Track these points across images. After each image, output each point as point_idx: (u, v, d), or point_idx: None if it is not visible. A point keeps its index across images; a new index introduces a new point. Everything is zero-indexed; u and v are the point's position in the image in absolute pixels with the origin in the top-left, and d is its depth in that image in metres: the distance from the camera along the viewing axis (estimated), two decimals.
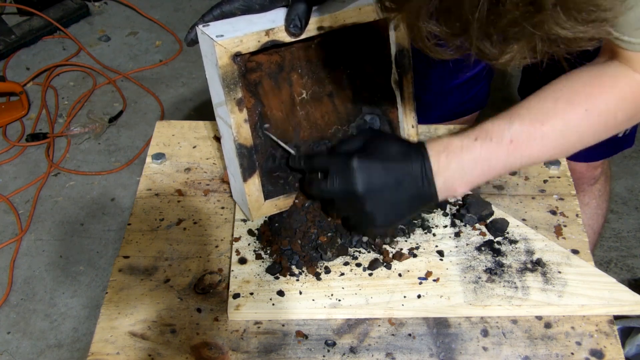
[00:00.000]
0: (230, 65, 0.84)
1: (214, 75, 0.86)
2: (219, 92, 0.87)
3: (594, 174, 1.40)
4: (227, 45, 0.82)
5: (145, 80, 2.61)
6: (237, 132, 0.88)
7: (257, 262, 0.91)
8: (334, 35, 0.90)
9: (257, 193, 0.93)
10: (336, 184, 0.84)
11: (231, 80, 0.85)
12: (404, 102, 0.98)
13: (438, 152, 0.82)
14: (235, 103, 0.86)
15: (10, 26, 2.73)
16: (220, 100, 0.88)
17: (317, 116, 0.96)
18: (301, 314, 0.86)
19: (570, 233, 0.96)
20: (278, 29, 0.84)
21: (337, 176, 0.84)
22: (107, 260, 2.00)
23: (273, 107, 0.93)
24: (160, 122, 1.16)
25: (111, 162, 2.30)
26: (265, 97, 0.91)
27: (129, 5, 2.95)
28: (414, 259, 0.91)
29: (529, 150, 0.82)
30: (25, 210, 2.13)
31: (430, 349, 0.83)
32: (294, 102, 0.94)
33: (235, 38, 0.82)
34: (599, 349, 0.82)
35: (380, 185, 0.82)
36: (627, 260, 1.97)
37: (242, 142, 0.89)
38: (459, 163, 0.81)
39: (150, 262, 0.93)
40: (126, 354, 0.83)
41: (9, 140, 2.35)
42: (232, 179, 0.96)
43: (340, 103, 0.97)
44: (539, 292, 0.87)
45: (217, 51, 0.82)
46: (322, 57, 0.93)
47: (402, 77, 0.96)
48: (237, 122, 0.88)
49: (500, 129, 0.81)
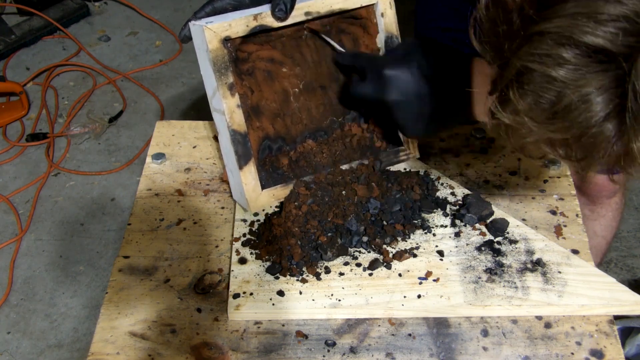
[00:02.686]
0: (221, 49, 0.87)
1: (206, 63, 0.89)
2: (211, 80, 0.89)
3: (614, 187, 1.38)
4: (217, 29, 0.85)
5: (145, 80, 2.61)
6: (230, 117, 0.90)
7: (257, 262, 0.91)
8: (324, 25, 0.94)
9: (254, 182, 0.94)
10: (371, 90, 0.87)
11: (222, 64, 0.87)
12: None
13: (482, 65, 0.82)
14: (227, 87, 0.89)
15: (10, 26, 2.73)
16: (213, 88, 0.90)
17: (311, 107, 0.98)
18: (301, 314, 0.86)
19: (570, 233, 0.96)
20: (266, 14, 0.88)
21: (372, 81, 0.87)
22: (107, 260, 2.00)
23: (267, 97, 0.94)
24: (160, 122, 1.16)
25: (111, 162, 2.30)
26: (258, 88, 0.93)
27: (129, 5, 2.95)
28: (414, 259, 0.91)
29: None
30: (25, 210, 2.13)
31: (430, 349, 0.83)
32: (287, 93, 0.96)
33: (224, 22, 0.86)
34: (599, 349, 0.82)
35: (410, 97, 0.84)
36: (627, 260, 1.97)
37: (235, 128, 0.91)
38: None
39: (150, 262, 0.93)
40: (126, 354, 0.83)
41: (9, 140, 2.36)
42: (230, 174, 0.97)
43: (334, 94, 0.99)
44: (539, 292, 0.87)
45: (206, 35, 0.85)
46: (313, 49, 0.95)
47: None
48: (230, 107, 0.90)
49: None
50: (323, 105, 0.98)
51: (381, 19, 0.95)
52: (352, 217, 0.92)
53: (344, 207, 0.92)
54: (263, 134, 0.95)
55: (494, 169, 1.05)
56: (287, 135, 0.97)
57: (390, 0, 0.95)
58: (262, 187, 0.95)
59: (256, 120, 0.94)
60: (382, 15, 0.95)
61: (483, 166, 1.05)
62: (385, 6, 0.95)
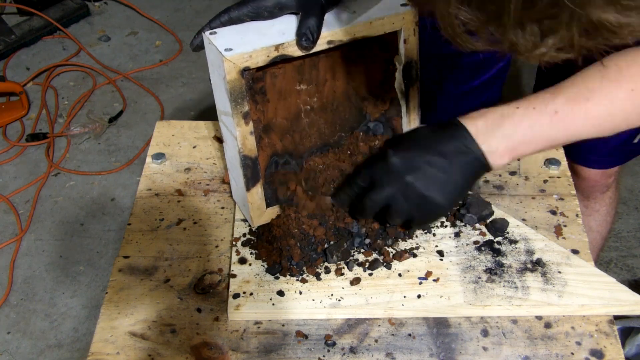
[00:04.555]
0: (239, 80, 0.82)
1: (221, 86, 0.85)
2: (224, 102, 0.85)
3: (607, 182, 1.39)
4: (236, 60, 0.80)
5: (145, 80, 2.61)
6: (243, 144, 0.87)
7: (257, 262, 0.91)
8: (342, 45, 0.89)
9: (260, 201, 0.93)
10: (385, 186, 0.83)
11: (239, 94, 0.83)
12: (409, 112, 0.98)
13: (474, 119, 0.81)
14: (242, 116, 0.85)
15: (10, 26, 2.73)
16: (226, 110, 0.86)
17: (321, 124, 0.96)
18: (301, 314, 0.86)
19: (570, 233, 0.96)
20: (288, 43, 0.82)
21: (382, 179, 0.83)
22: (107, 260, 2.00)
23: (279, 115, 0.92)
24: (160, 122, 1.16)
25: (111, 162, 2.30)
26: (271, 106, 0.90)
27: (129, 5, 2.95)
28: (414, 259, 0.91)
29: (573, 125, 0.81)
30: (25, 210, 2.13)
31: (430, 349, 0.83)
32: (299, 110, 0.93)
33: (245, 53, 0.80)
34: (599, 349, 0.82)
35: (427, 166, 0.81)
36: (627, 260, 1.97)
37: (246, 154, 0.88)
38: (499, 128, 0.80)
39: (150, 262, 0.93)
40: (126, 354, 0.83)
41: (9, 140, 2.36)
42: (233, 182, 0.96)
43: (345, 110, 0.97)
44: (539, 292, 0.87)
45: (225, 66, 0.80)
46: (328, 67, 0.92)
47: (408, 88, 0.95)
48: (243, 134, 0.86)
49: (543, 100, 0.80)
50: (333, 121, 0.96)
51: (403, 45, 0.91)
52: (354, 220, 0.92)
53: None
54: (271, 151, 0.93)
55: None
56: (294, 151, 0.95)
57: (414, 27, 0.90)
58: (267, 205, 0.94)
59: (266, 138, 0.92)
60: (404, 41, 0.91)
61: None
62: (409, 33, 0.90)
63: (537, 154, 1.05)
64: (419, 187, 0.82)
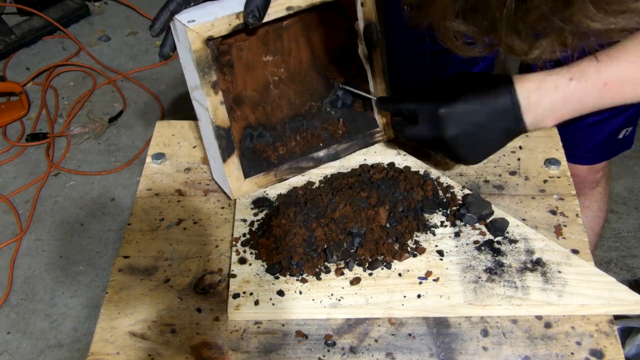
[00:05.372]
0: (204, 49, 0.86)
1: (188, 60, 0.88)
2: (194, 76, 0.89)
3: (595, 177, 1.40)
4: (200, 30, 0.84)
5: (145, 80, 2.61)
6: (214, 114, 0.90)
7: (257, 262, 0.91)
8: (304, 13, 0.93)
9: (237, 172, 0.96)
10: (426, 131, 0.90)
11: (205, 64, 0.87)
12: (375, 76, 1.01)
13: (529, 90, 0.85)
14: (211, 86, 0.89)
15: (10, 26, 2.73)
16: (195, 84, 0.90)
17: (290, 94, 0.99)
18: (301, 313, 0.86)
19: (570, 233, 0.96)
20: None
21: (427, 123, 0.90)
22: (107, 260, 2.00)
23: (248, 87, 0.95)
24: (160, 122, 1.16)
25: (111, 162, 2.31)
26: (239, 79, 0.94)
27: (129, 5, 2.96)
28: (414, 259, 0.91)
29: (621, 93, 0.84)
30: (25, 210, 2.13)
31: (430, 349, 0.83)
32: (267, 82, 0.97)
33: (207, 22, 0.84)
34: (599, 349, 0.82)
35: (469, 129, 0.87)
36: (627, 260, 1.97)
37: (219, 124, 0.91)
38: (550, 102, 0.84)
39: (150, 262, 0.93)
40: (126, 354, 0.83)
41: (9, 140, 2.36)
42: (211, 160, 0.99)
43: (313, 80, 1.00)
44: (539, 292, 0.87)
45: (189, 37, 0.84)
46: (292, 37, 0.96)
47: (371, 52, 0.98)
48: (214, 104, 0.90)
49: (596, 71, 0.83)
50: (302, 91, 1.00)
51: (360, 8, 0.95)
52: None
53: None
54: (245, 123, 0.97)
55: (494, 169, 1.05)
56: (267, 123, 0.99)
57: None
58: (245, 176, 0.97)
59: (237, 110, 0.96)
60: (362, 4, 0.94)
61: (483, 166, 1.05)
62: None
63: (537, 155, 1.06)
64: (457, 148, 0.90)
